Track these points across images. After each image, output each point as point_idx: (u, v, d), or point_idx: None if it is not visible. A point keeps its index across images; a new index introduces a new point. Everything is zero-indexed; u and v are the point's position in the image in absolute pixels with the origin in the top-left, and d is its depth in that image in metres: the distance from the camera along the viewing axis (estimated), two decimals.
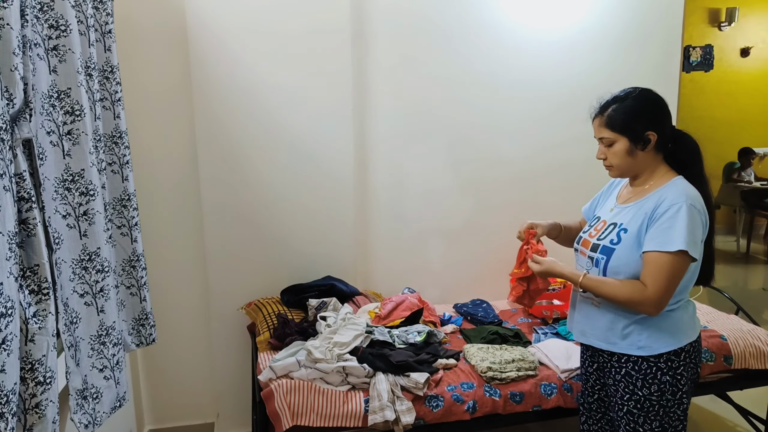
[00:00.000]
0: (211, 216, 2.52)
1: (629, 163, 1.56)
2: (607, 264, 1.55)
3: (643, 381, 1.54)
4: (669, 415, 1.54)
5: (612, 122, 1.54)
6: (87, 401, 1.60)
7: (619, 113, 1.54)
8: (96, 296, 1.67)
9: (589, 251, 1.62)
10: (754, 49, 6.81)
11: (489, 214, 2.89)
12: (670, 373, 1.52)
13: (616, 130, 1.54)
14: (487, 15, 2.75)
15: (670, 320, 1.53)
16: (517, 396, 1.98)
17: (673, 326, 1.53)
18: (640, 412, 1.55)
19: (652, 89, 1.58)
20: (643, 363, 1.54)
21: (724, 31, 6.71)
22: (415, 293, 2.58)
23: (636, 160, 1.55)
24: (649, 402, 1.54)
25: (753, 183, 6.05)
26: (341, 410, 1.86)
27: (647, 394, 1.54)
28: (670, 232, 1.43)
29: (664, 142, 1.56)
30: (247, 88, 2.46)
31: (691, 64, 6.67)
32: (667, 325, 1.53)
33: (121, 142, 1.92)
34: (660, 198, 1.50)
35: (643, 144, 1.52)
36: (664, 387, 1.52)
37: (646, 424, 1.55)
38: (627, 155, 1.54)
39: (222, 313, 2.59)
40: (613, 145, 1.55)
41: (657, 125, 1.52)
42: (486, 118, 2.83)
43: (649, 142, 1.52)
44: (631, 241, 1.51)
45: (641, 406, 1.55)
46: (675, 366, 1.52)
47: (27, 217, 1.24)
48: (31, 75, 1.30)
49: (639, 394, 1.55)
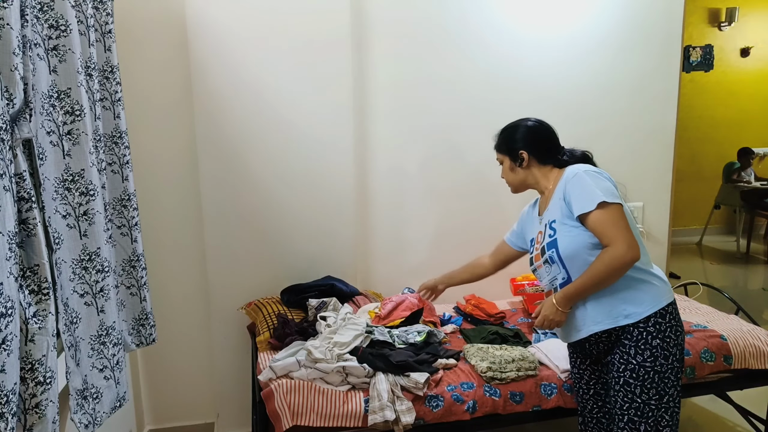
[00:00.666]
0: (211, 216, 2.52)
1: (514, 178, 1.84)
2: (559, 253, 1.66)
3: (636, 348, 1.61)
4: (664, 381, 1.60)
5: (498, 146, 1.87)
6: (87, 401, 1.60)
7: (501, 138, 1.86)
8: (96, 296, 1.67)
9: (542, 260, 1.75)
10: (754, 49, 6.81)
11: (489, 213, 2.89)
12: (660, 336, 1.60)
13: (501, 151, 1.86)
14: (487, 15, 2.75)
15: (645, 285, 1.63)
16: (517, 396, 1.98)
17: (649, 290, 1.63)
18: (636, 381, 1.61)
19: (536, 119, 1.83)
20: (633, 330, 1.62)
21: (724, 31, 6.71)
22: (415, 293, 2.58)
23: (518, 175, 1.82)
24: (643, 369, 1.60)
25: (753, 183, 6.06)
26: (341, 410, 1.86)
27: (641, 360, 1.60)
28: (583, 193, 1.60)
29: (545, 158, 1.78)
30: (247, 87, 2.46)
31: (691, 64, 6.67)
32: (644, 289, 1.63)
33: (121, 142, 1.92)
34: (564, 180, 1.69)
35: (519, 161, 1.79)
36: (656, 351, 1.60)
37: (644, 393, 1.61)
38: (510, 171, 1.84)
39: (222, 313, 2.59)
40: (503, 164, 1.86)
41: (530, 146, 1.78)
42: (486, 118, 2.82)
43: (524, 160, 1.78)
44: (563, 223, 1.66)
45: (636, 375, 1.61)
46: (663, 329, 1.61)
47: (27, 217, 1.24)
48: (31, 75, 1.30)
49: (633, 362, 1.61)
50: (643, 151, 3.04)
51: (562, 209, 1.66)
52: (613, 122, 2.98)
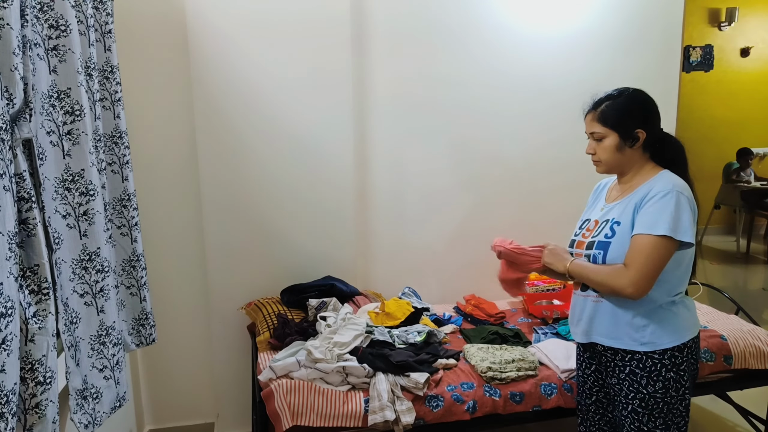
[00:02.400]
0: (211, 216, 2.52)
1: (617, 159, 1.61)
2: (605, 258, 1.57)
3: (648, 379, 1.54)
4: (672, 411, 1.55)
5: (604, 117, 1.59)
6: (87, 401, 1.60)
7: (612, 109, 1.59)
8: (96, 296, 1.67)
9: (584, 250, 1.64)
10: (754, 49, 6.81)
11: (489, 213, 2.90)
12: (674, 370, 1.53)
13: (607, 125, 1.59)
14: (488, 15, 2.75)
15: (672, 315, 1.55)
16: (517, 396, 1.98)
17: (676, 321, 1.55)
18: (644, 411, 1.56)
19: (644, 90, 1.63)
20: (647, 360, 1.55)
21: (724, 31, 6.71)
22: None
23: (624, 156, 1.60)
24: (653, 400, 1.54)
25: (753, 183, 6.06)
26: (341, 410, 1.86)
27: (652, 391, 1.54)
28: (655, 215, 1.47)
29: (652, 142, 1.60)
30: (247, 87, 2.46)
31: (691, 64, 6.68)
32: (669, 320, 1.55)
33: (121, 142, 1.92)
34: (649, 188, 1.54)
35: (632, 141, 1.58)
36: (668, 384, 1.53)
37: (651, 422, 1.56)
38: (616, 151, 1.60)
39: (222, 313, 2.59)
40: (603, 140, 1.61)
41: (646, 124, 1.58)
42: (486, 117, 2.84)
43: (638, 140, 1.57)
44: (625, 232, 1.54)
45: (646, 404, 1.55)
46: (678, 362, 1.54)
47: (27, 217, 1.24)
48: (31, 75, 1.30)
49: (644, 392, 1.55)
50: None
51: (632, 216, 1.53)
52: None
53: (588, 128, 1.65)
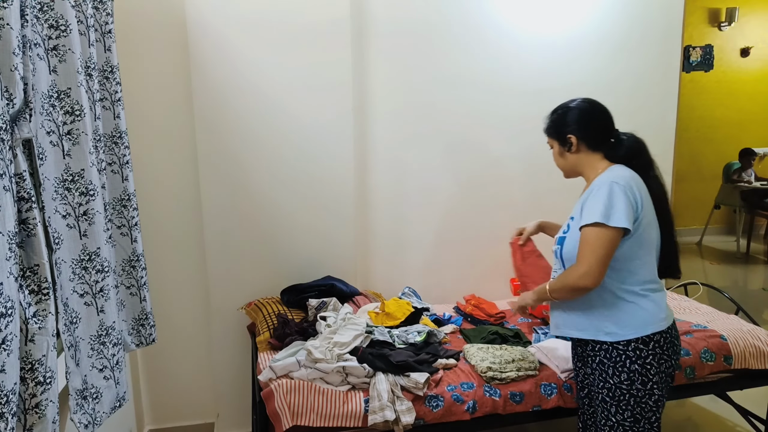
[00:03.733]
0: (211, 216, 2.52)
1: (563, 164, 1.77)
2: (561, 252, 1.69)
3: (614, 369, 1.61)
4: (640, 405, 1.60)
5: (547, 129, 1.79)
6: (87, 401, 1.60)
7: (550, 121, 1.78)
8: (96, 296, 1.67)
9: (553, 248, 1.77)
10: (754, 49, 6.81)
11: (489, 213, 2.90)
12: (639, 362, 1.58)
13: (550, 135, 1.78)
14: (488, 15, 2.75)
15: (636, 308, 1.61)
16: (517, 396, 1.98)
17: (638, 314, 1.60)
18: (612, 401, 1.62)
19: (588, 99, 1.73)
20: (613, 351, 1.61)
21: (724, 31, 6.71)
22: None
23: (567, 160, 1.75)
24: (619, 390, 1.60)
25: (753, 183, 6.05)
26: (341, 410, 1.86)
27: (617, 382, 1.61)
28: (590, 207, 1.57)
29: (595, 143, 1.69)
30: (247, 88, 2.46)
31: (691, 64, 6.67)
32: (631, 312, 1.60)
33: (121, 142, 1.92)
34: (596, 185, 1.63)
35: (568, 146, 1.71)
36: (634, 376, 1.59)
37: (618, 413, 1.62)
38: (559, 156, 1.77)
39: (222, 313, 2.59)
40: (553, 148, 1.79)
41: (578, 129, 1.69)
42: (486, 118, 2.84)
43: (572, 144, 1.70)
44: (575, 227, 1.64)
45: (613, 395, 1.62)
46: (644, 355, 1.59)
47: (27, 217, 1.24)
48: (31, 75, 1.31)
49: (610, 382, 1.62)
50: None
51: (579, 213, 1.63)
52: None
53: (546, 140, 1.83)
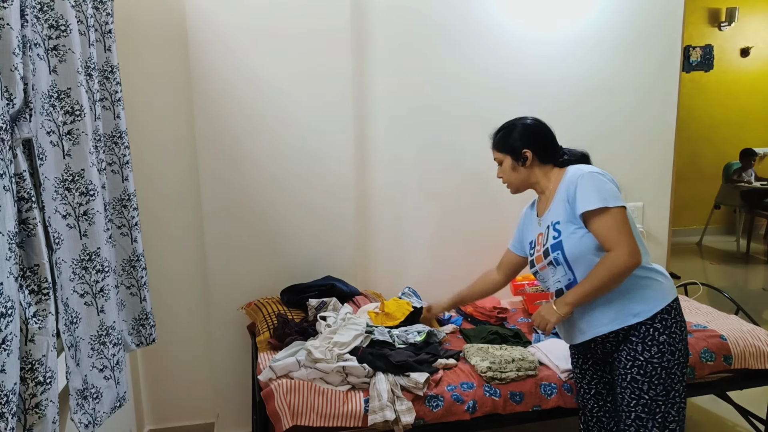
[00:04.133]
0: (211, 216, 2.52)
1: (516, 178, 1.82)
2: (565, 255, 1.66)
3: (643, 345, 1.62)
4: (671, 377, 1.61)
5: (497, 144, 1.85)
6: (87, 401, 1.60)
7: (501, 137, 1.84)
8: (96, 296, 1.67)
9: (545, 261, 1.73)
10: (754, 49, 6.80)
11: (489, 213, 2.89)
12: (666, 332, 1.61)
13: (501, 150, 1.83)
14: (488, 15, 2.75)
15: (651, 282, 1.65)
16: (517, 396, 1.98)
17: (656, 286, 1.66)
18: (643, 378, 1.62)
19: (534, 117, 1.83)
20: (641, 327, 1.63)
21: (724, 31, 6.71)
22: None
23: (520, 174, 1.81)
24: (651, 365, 1.61)
25: (753, 183, 6.05)
26: (341, 410, 1.86)
27: (648, 357, 1.61)
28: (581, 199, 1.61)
29: (546, 156, 1.78)
30: (248, 88, 2.46)
31: (691, 64, 6.67)
32: (650, 286, 1.65)
33: (121, 142, 1.92)
34: (568, 182, 1.68)
35: (522, 160, 1.78)
36: (663, 347, 1.61)
37: (651, 390, 1.62)
38: (512, 171, 1.82)
39: (222, 313, 2.59)
40: (503, 163, 1.83)
41: (531, 144, 1.77)
42: (486, 118, 2.80)
43: (527, 159, 1.77)
44: (567, 225, 1.65)
45: (644, 371, 1.62)
46: (668, 324, 1.62)
47: (27, 217, 1.24)
48: (31, 75, 1.30)
49: (641, 358, 1.62)
50: (643, 151, 3.04)
51: (566, 210, 1.66)
52: (613, 122, 2.98)
53: (493, 157, 1.87)
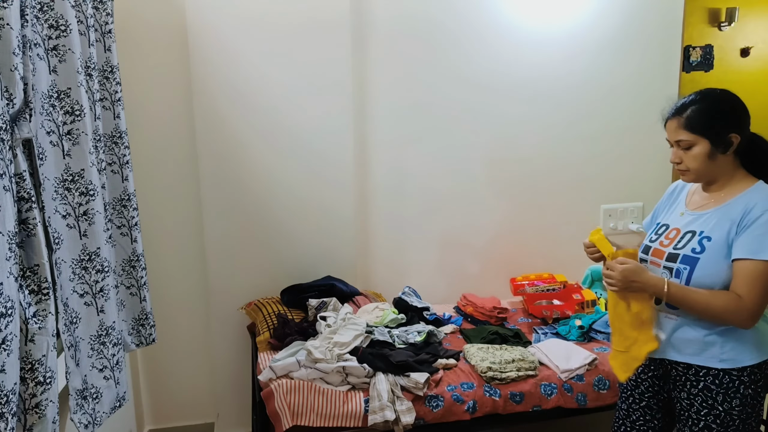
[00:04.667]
0: (211, 216, 2.52)
1: (708, 167, 1.48)
2: (691, 274, 1.46)
3: (725, 396, 1.46)
4: (746, 427, 1.48)
5: (691, 124, 1.47)
6: (87, 401, 1.60)
7: (701, 114, 1.46)
8: (96, 296, 1.67)
9: (665, 261, 1.53)
10: (754, 49, 6.78)
11: (489, 213, 2.89)
12: (753, 386, 1.46)
13: (696, 132, 1.46)
14: (488, 15, 2.74)
15: (754, 332, 1.46)
16: (517, 396, 1.98)
17: (759, 338, 1.47)
18: (719, 428, 1.48)
19: (731, 91, 1.53)
20: (724, 377, 1.46)
21: (724, 31, 6.69)
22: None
23: (716, 163, 1.48)
24: (729, 417, 1.46)
25: None
26: (341, 410, 1.86)
27: (728, 408, 1.46)
28: (762, 239, 1.38)
29: (745, 146, 1.49)
30: (247, 88, 2.46)
31: (691, 64, 6.65)
32: (750, 336, 1.46)
33: (121, 142, 1.92)
34: (748, 203, 1.42)
35: (724, 147, 1.45)
36: (746, 400, 1.46)
37: None
38: (707, 159, 1.47)
39: (222, 313, 2.59)
40: (692, 148, 1.48)
41: (739, 127, 1.46)
42: (486, 117, 2.83)
43: (731, 145, 1.45)
44: (717, 250, 1.44)
45: (721, 421, 1.47)
46: (757, 378, 1.46)
47: (27, 217, 1.24)
48: (31, 75, 1.30)
49: (719, 408, 1.47)
50: (643, 151, 3.04)
51: (728, 234, 1.42)
52: (613, 122, 2.98)
53: (672, 136, 1.52)
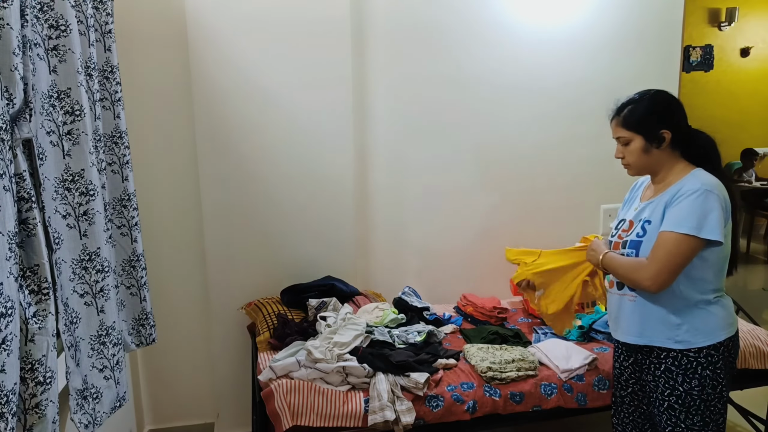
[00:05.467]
0: (211, 216, 2.52)
1: (645, 161, 1.64)
2: (636, 256, 1.60)
3: (684, 376, 1.57)
4: (710, 408, 1.57)
5: (627, 122, 1.63)
6: (87, 401, 1.60)
7: (634, 113, 1.63)
8: (96, 296, 1.66)
9: (620, 250, 1.67)
10: (754, 49, 6.80)
11: (489, 213, 2.90)
12: (710, 368, 1.55)
13: (631, 128, 1.63)
14: (488, 14, 2.75)
15: (707, 314, 1.57)
16: (517, 396, 1.98)
17: (711, 320, 1.57)
18: (681, 408, 1.58)
19: (666, 90, 1.66)
20: (682, 358, 1.57)
21: (724, 31, 6.71)
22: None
23: (651, 157, 1.63)
24: (690, 397, 1.57)
25: (753, 183, 6.05)
26: (341, 410, 1.86)
27: (688, 389, 1.57)
28: (681, 213, 1.51)
29: (680, 140, 1.62)
30: (247, 87, 2.46)
31: (691, 64, 6.67)
32: (704, 318, 1.57)
33: (121, 142, 1.92)
34: (679, 187, 1.56)
35: (657, 142, 1.60)
36: (705, 381, 1.55)
37: (688, 419, 1.58)
38: (642, 153, 1.63)
39: (222, 313, 2.59)
40: (630, 143, 1.64)
41: (670, 124, 1.60)
42: (486, 117, 2.83)
43: (664, 140, 1.60)
44: (655, 230, 1.57)
45: (682, 402, 1.58)
46: (714, 360, 1.55)
47: (27, 217, 1.24)
48: (31, 75, 1.30)
49: (680, 389, 1.58)
50: None
51: (662, 215, 1.56)
52: None
53: (614, 133, 1.69)
